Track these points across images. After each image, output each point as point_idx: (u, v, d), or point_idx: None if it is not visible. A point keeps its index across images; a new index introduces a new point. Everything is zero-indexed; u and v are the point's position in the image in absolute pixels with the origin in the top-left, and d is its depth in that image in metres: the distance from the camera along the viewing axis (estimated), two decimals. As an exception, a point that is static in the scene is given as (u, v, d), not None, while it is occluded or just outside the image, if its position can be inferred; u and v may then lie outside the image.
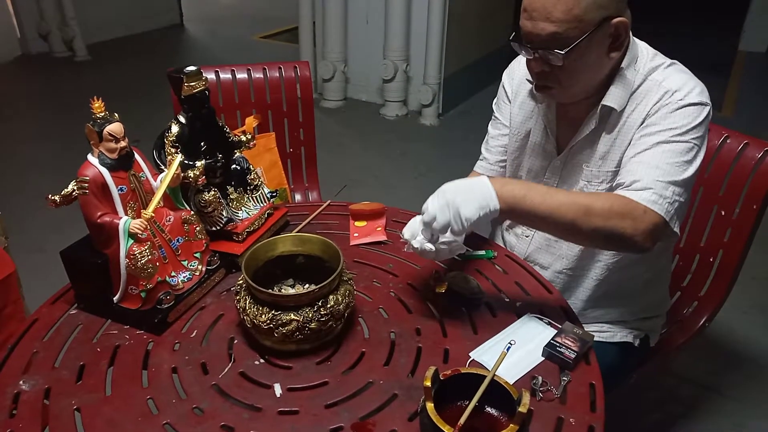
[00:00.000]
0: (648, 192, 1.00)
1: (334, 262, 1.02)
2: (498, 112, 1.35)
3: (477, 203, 0.96)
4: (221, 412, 0.89)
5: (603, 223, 0.97)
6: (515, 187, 0.99)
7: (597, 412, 0.88)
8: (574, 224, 0.98)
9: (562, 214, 0.97)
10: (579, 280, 1.27)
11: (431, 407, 0.80)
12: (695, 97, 1.06)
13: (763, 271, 2.42)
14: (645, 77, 1.10)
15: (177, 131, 1.17)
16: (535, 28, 1.02)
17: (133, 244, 1.00)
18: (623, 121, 1.12)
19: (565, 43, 1.01)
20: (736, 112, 4.18)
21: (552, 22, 1.00)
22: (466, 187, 0.98)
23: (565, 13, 0.99)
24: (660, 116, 1.06)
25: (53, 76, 4.91)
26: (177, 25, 6.53)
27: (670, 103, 1.06)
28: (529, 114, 1.27)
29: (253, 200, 1.29)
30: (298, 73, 1.90)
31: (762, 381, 1.97)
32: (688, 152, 1.03)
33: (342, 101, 4.37)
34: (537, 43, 1.04)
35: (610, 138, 1.14)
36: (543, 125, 1.25)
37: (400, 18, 3.88)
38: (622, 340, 1.29)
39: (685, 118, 1.04)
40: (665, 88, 1.07)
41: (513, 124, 1.30)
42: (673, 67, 1.12)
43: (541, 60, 1.06)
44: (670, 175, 1.01)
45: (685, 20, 6.71)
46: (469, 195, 0.97)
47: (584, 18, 0.99)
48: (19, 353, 1.00)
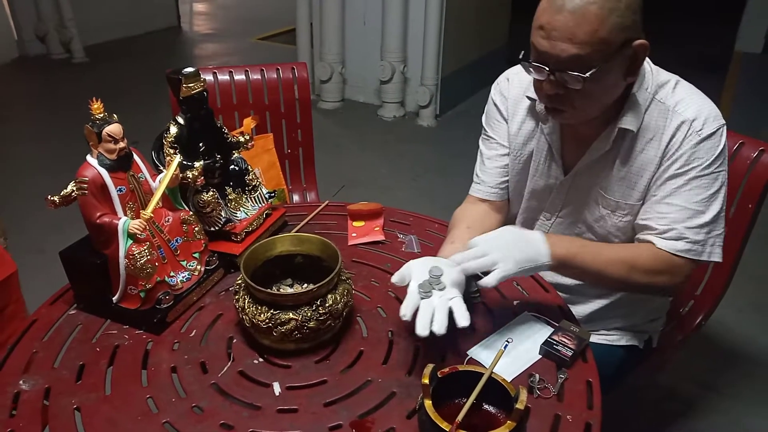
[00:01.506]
0: (682, 242, 1.04)
1: (332, 262, 1.03)
2: (491, 131, 1.26)
3: (528, 255, 0.98)
4: (221, 410, 0.89)
5: (645, 279, 1.07)
6: (568, 245, 1.03)
7: (594, 410, 0.88)
8: (619, 281, 1.07)
9: (609, 272, 1.05)
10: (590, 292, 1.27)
11: (429, 404, 0.80)
12: (713, 122, 1.03)
13: (759, 270, 2.43)
14: (652, 96, 1.07)
15: (175, 132, 1.18)
16: (554, 48, 0.95)
17: (132, 245, 1.01)
18: (640, 148, 1.08)
19: (587, 66, 0.94)
20: (732, 112, 4.19)
21: (575, 44, 0.93)
22: (524, 237, 1.01)
23: (590, 35, 0.92)
24: (684, 153, 1.03)
25: (51, 77, 4.90)
26: (174, 27, 6.53)
27: (691, 135, 1.03)
28: (531, 134, 1.21)
29: (252, 201, 1.30)
30: (296, 75, 1.90)
31: (758, 379, 1.98)
32: (714, 183, 1.04)
33: (339, 102, 4.37)
34: (554, 65, 0.97)
35: (626, 163, 1.10)
36: (547, 144, 1.18)
37: (398, 19, 3.88)
38: (628, 343, 1.29)
39: (708, 152, 1.03)
40: (681, 117, 1.04)
41: (514, 145, 1.23)
42: (681, 88, 1.08)
43: (555, 82, 0.99)
44: (700, 216, 1.04)
45: (682, 20, 6.73)
46: (525, 246, 0.99)
47: (608, 40, 0.93)
48: (18, 353, 1.00)
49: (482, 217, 1.24)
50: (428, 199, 3.11)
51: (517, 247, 0.98)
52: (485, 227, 1.16)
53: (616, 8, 0.92)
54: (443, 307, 0.92)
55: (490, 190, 1.27)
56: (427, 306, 0.92)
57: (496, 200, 1.27)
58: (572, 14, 0.92)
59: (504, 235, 1.01)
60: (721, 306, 1.46)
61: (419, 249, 1.28)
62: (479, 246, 0.98)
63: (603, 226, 1.17)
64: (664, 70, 1.11)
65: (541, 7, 0.97)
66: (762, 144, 1.33)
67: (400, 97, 4.15)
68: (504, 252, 0.96)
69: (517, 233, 1.02)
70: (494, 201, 1.27)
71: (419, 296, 0.93)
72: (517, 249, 0.98)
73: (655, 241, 1.07)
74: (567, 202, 1.21)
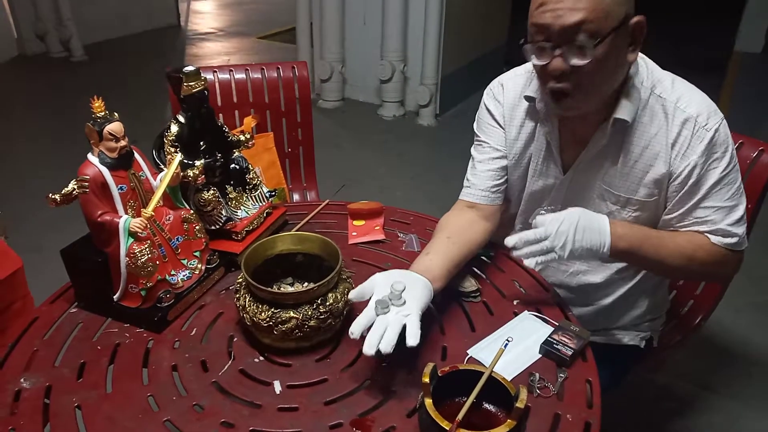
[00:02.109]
0: (730, 239, 1.09)
1: (333, 261, 1.03)
2: (484, 136, 1.24)
3: (591, 244, 1.03)
4: (221, 409, 0.89)
5: (702, 270, 1.13)
6: (630, 238, 1.06)
7: (593, 409, 0.89)
8: (677, 270, 1.17)
9: (668, 263, 1.10)
10: (592, 293, 1.27)
11: (430, 403, 0.80)
12: (715, 116, 1.05)
13: (758, 270, 2.43)
14: (650, 91, 1.07)
15: (176, 131, 1.18)
16: (558, 19, 0.94)
17: (133, 243, 1.01)
18: (645, 143, 1.08)
19: (593, 33, 0.94)
20: (731, 111, 4.19)
21: (580, 10, 0.93)
22: (591, 224, 1.03)
23: (594, 2, 0.92)
24: (701, 155, 1.05)
25: (50, 76, 4.90)
26: (174, 25, 6.52)
27: (698, 131, 1.04)
28: (530, 137, 1.20)
29: (252, 199, 1.30)
30: (296, 74, 1.91)
31: (756, 378, 1.98)
32: (737, 175, 1.08)
33: (340, 101, 4.38)
34: (559, 37, 0.95)
35: (629, 158, 1.10)
36: (545, 144, 1.18)
37: (398, 19, 3.89)
38: (630, 343, 1.30)
39: (721, 147, 1.05)
40: (685, 114, 1.05)
41: (514, 150, 1.22)
42: (679, 83, 1.09)
43: (561, 58, 0.97)
44: (736, 210, 1.08)
45: (681, 21, 6.73)
46: (590, 234, 1.03)
47: (611, 11, 0.93)
48: (19, 351, 1.00)
49: (467, 226, 1.19)
50: (428, 198, 3.11)
51: (584, 236, 1.02)
52: (467, 238, 1.15)
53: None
54: (396, 324, 0.89)
55: (480, 193, 1.23)
56: (380, 323, 0.89)
57: (485, 204, 1.23)
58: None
59: (572, 218, 1.02)
60: (719, 306, 1.46)
61: (419, 248, 1.28)
62: (545, 227, 1.01)
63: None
64: (659, 68, 1.11)
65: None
66: (761, 144, 1.33)
67: (400, 96, 4.15)
68: (564, 238, 1.01)
69: (585, 218, 1.03)
70: (484, 206, 1.23)
71: (375, 313, 0.90)
72: (580, 236, 1.02)
73: (710, 237, 1.10)
74: (566, 201, 1.20)
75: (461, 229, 1.17)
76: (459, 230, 1.17)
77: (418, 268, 1.03)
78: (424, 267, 1.03)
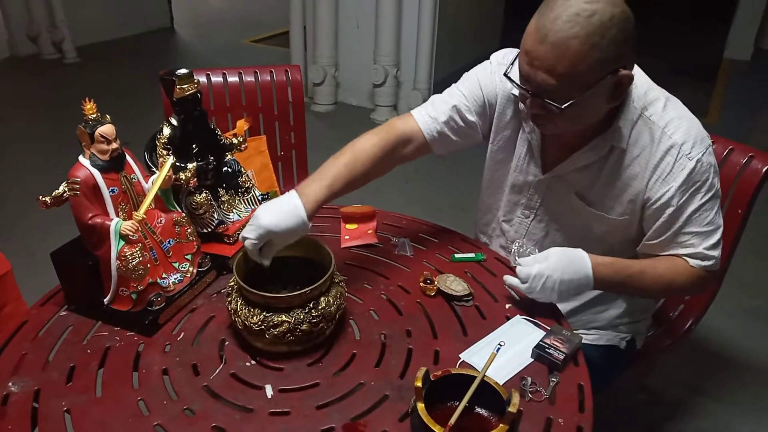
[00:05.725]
0: (708, 262, 1.11)
1: (325, 265, 1.03)
2: (467, 91, 1.27)
3: (573, 287, 1.08)
4: (212, 413, 0.89)
5: (681, 292, 1.31)
6: (612, 277, 1.10)
7: (585, 413, 0.89)
8: (657, 294, 1.37)
9: (649, 292, 1.22)
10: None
11: (422, 407, 0.80)
12: (701, 144, 1.05)
13: (748, 275, 2.45)
14: (640, 113, 1.07)
15: (169, 133, 1.18)
16: (535, 76, 0.96)
17: (124, 246, 1.00)
18: (627, 163, 1.09)
19: (564, 97, 0.96)
20: (721, 118, 4.23)
21: (553, 75, 0.94)
22: (573, 272, 1.07)
23: (569, 69, 0.93)
24: (681, 183, 1.05)
25: (42, 78, 4.87)
26: (167, 28, 6.51)
27: (681, 159, 1.05)
28: (516, 129, 1.23)
29: (244, 203, 1.29)
30: (290, 77, 1.91)
31: (747, 383, 1.99)
32: (716, 201, 1.09)
33: (333, 105, 4.37)
34: (534, 91, 0.99)
35: (608, 174, 1.12)
36: (528, 142, 1.21)
37: (391, 23, 3.89)
38: (608, 343, 1.30)
39: (703, 175, 1.05)
40: (671, 141, 1.05)
41: (500, 136, 1.25)
42: (671, 106, 1.09)
43: (536, 103, 1.01)
44: (714, 234, 1.10)
45: (671, 28, 6.80)
46: (574, 281, 1.07)
47: (588, 75, 0.94)
48: (8, 355, 0.99)
49: (385, 154, 1.27)
50: (420, 202, 3.11)
51: (569, 287, 1.07)
52: (371, 168, 1.24)
53: (599, 44, 0.92)
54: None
55: (435, 126, 1.26)
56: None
57: (426, 133, 1.27)
58: (554, 47, 0.93)
59: (554, 274, 1.05)
60: (710, 310, 1.47)
61: (412, 252, 1.28)
62: (528, 283, 1.07)
63: (585, 234, 1.19)
64: (655, 86, 1.11)
65: (528, 31, 0.97)
66: (751, 150, 1.35)
67: (393, 100, 4.16)
68: (549, 293, 1.07)
69: (568, 271, 1.06)
70: (416, 131, 1.28)
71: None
72: (565, 287, 1.07)
73: (688, 261, 1.12)
74: (545, 203, 1.23)
75: (375, 158, 1.26)
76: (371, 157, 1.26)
77: (307, 191, 1.10)
78: (311, 195, 1.09)
